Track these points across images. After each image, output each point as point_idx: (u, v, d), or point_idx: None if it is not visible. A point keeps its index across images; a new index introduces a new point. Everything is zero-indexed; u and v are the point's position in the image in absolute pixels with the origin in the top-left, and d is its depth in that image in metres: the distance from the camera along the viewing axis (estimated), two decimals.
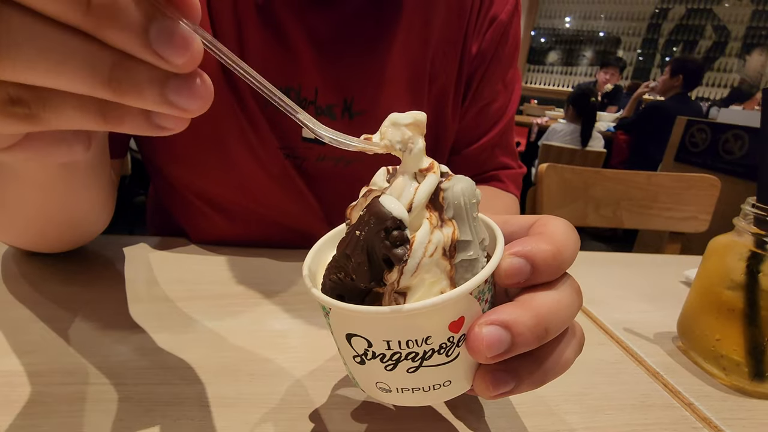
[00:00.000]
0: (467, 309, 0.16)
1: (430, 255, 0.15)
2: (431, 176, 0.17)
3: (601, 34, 6.50)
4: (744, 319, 0.31)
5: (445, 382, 0.17)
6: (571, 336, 0.19)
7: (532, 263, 0.17)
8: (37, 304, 0.32)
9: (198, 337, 0.30)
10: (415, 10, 0.40)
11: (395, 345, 0.16)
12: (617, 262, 0.55)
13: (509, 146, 0.50)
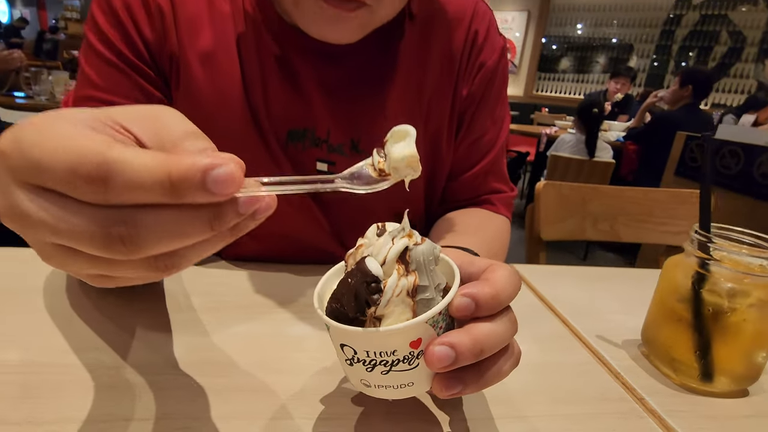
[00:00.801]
0: (423, 333, 0.23)
1: (397, 295, 0.22)
2: (401, 241, 0.23)
3: (614, 40, 6.48)
4: (691, 327, 0.37)
5: (409, 383, 0.24)
6: (509, 354, 0.25)
7: (476, 302, 0.23)
8: (102, 312, 0.39)
9: (229, 339, 0.37)
10: (411, 61, 0.47)
11: (372, 354, 0.23)
12: (598, 276, 0.60)
13: (500, 173, 0.56)
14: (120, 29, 0.41)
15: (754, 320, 0.35)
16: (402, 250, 0.23)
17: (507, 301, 0.24)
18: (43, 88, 2.19)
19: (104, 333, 0.36)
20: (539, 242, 0.90)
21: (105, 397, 0.30)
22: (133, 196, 0.15)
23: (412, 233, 0.24)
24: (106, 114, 0.18)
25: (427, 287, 0.23)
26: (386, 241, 0.23)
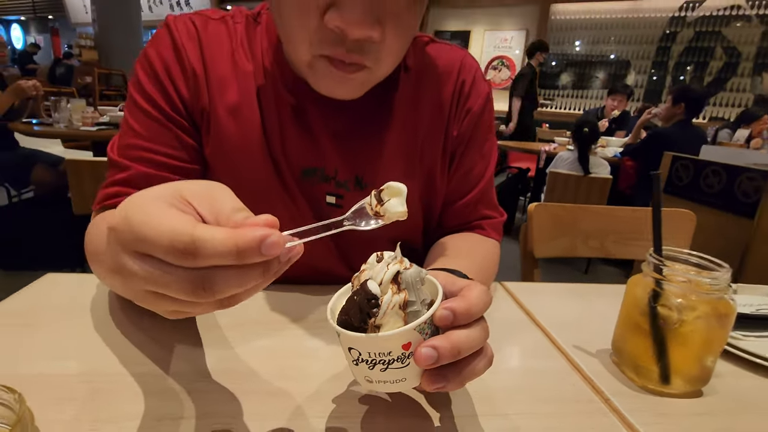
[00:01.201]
0: (412, 337, 0.29)
1: (391, 308, 0.28)
2: (394, 267, 0.30)
3: (612, 56, 6.61)
4: (651, 337, 0.42)
5: (402, 378, 0.30)
6: (483, 356, 0.31)
7: (454, 314, 0.29)
8: (143, 331, 0.46)
9: (253, 351, 0.43)
10: (406, 108, 0.54)
11: (373, 355, 0.29)
12: (579, 292, 0.66)
13: (490, 201, 0.63)
14: (160, 88, 0.49)
15: (702, 330, 0.40)
16: (395, 274, 0.30)
17: (479, 313, 0.30)
18: (62, 116, 2.30)
19: (146, 348, 0.43)
20: (533, 260, 0.96)
21: (154, 400, 0.36)
22: (211, 262, 0.22)
23: (403, 260, 0.31)
24: (178, 191, 0.25)
25: (414, 302, 0.30)
26: (383, 267, 0.30)
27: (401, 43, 0.45)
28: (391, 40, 0.42)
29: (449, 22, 7.67)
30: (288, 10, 0.42)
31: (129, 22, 5.52)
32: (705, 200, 1.14)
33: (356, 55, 0.42)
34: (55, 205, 2.24)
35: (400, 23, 0.42)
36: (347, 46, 0.41)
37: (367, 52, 0.42)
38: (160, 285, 0.23)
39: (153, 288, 0.23)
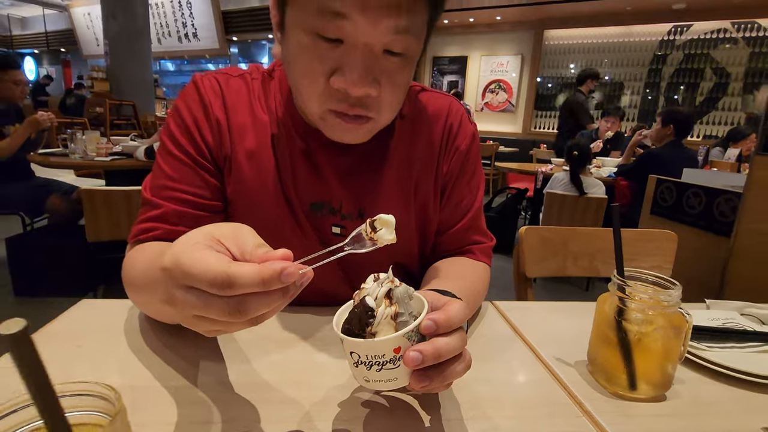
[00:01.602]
0: (402, 343, 0.35)
1: (384, 318, 0.35)
2: (386, 285, 0.36)
3: (606, 78, 6.78)
4: (618, 348, 0.48)
5: (394, 378, 0.36)
6: (461, 360, 0.37)
7: (436, 324, 0.35)
8: (172, 350, 0.52)
9: (267, 365, 0.49)
10: (402, 149, 0.62)
11: (370, 357, 0.35)
12: (561, 309, 0.71)
13: (479, 228, 0.70)
14: (189, 137, 0.57)
15: (660, 340, 0.46)
16: (387, 291, 0.37)
17: (457, 324, 0.37)
18: (77, 147, 2.41)
19: (175, 364, 0.49)
20: (525, 279, 1.02)
21: (185, 408, 0.42)
22: (243, 291, 0.29)
23: (394, 280, 0.38)
24: (210, 234, 0.32)
25: (403, 314, 0.36)
26: (378, 286, 0.37)
27: (398, 95, 0.53)
28: (387, 94, 0.50)
29: (447, 48, 7.93)
30: (299, 73, 0.50)
31: (140, 55, 5.75)
32: (687, 220, 1.21)
33: (359, 109, 0.50)
34: (68, 232, 2.32)
35: (394, 80, 0.50)
36: (350, 101, 0.49)
37: (368, 106, 0.50)
38: (204, 310, 0.30)
39: (198, 313, 0.30)
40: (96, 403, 0.25)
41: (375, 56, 0.47)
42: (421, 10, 0.47)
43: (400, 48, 0.48)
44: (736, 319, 0.65)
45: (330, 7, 0.44)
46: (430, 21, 0.51)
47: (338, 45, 0.46)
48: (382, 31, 0.45)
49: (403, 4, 0.44)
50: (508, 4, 6.32)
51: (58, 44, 11.82)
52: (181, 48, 8.82)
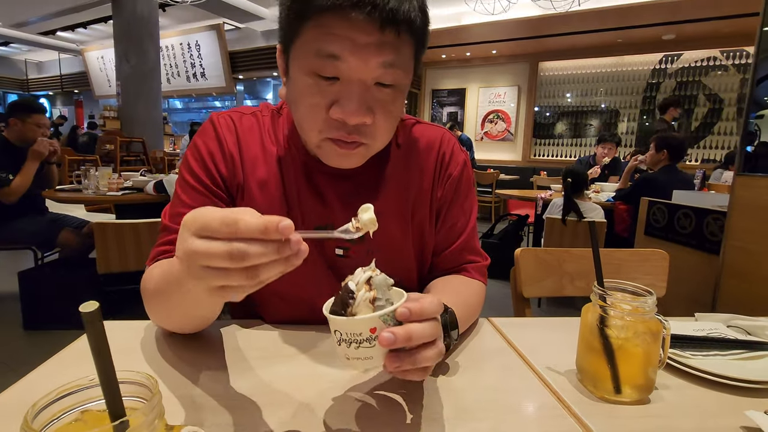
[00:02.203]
0: (377, 324, 0.40)
1: (363, 301, 0.40)
2: (367, 272, 0.42)
3: (602, 106, 6.95)
4: (603, 354, 0.52)
5: (370, 356, 0.40)
6: (433, 347, 0.41)
7: (410, 311, 0.40)
8: (188, 363, 0.56)
9: (276, 377, 0.53)
10: (399, 176, 0.68)
11: (349, 335, 0.40)
12: (555, 324, 0.75)
13: (473, 248, 0.74)
14: (205, 170, 0.63)
15: (640, 345, 0.50)
16: (368, 278, 0.42)
17: (430, 314, 0.41)
18: (91, 183, 2.50)
19: (188, 375, 0.52)
20: (523, 299, 1.05)
21: (205, 413, 0.46)
22: (245, 234, 0.33)
23: (376, 270, 0.43)
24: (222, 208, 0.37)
25: (381, 299, 0.41)
26: (360, 273, 0.43)
27: (390, 123, 0.59)
28: (381, 122, 0.56)
29: (446, 81, 8.20)
30: (303, 107, 0.56)
31: (150, 94, 6.01)
32: (680, 240, 1.24)
33: (356, 136, 0.56)
34: (78, 265, 2.37)
35: (387, 110, 0.56)
36: (347, 129, 0.55)
37: (363, 133, 0.56)
38: (207, 255, 0.33)
39: (203, 259, 0.34)
40: (139, 391, 0.29)
41: (368, 89, 0.54)
42: (405, 47, 0.54)
43: (390, 80, 0.54)
44: (721, 329, 0.68)
45: (326, 51, 0.51)
46: (417, 55, 0.57)
47: (335, 82, 0.53)
48: (371, 67, 0.52)
49: (388, 43, 0.51)
50: (503, 39, 6.60)
51: (72, 86, 12.34)
52: (190, 87, 9.18)
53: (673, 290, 1.07)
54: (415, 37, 0.54)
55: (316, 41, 0.51)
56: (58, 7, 8.07)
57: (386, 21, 0.49)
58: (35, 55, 12.71)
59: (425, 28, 0.56)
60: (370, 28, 0.49)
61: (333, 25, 0.50)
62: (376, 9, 0.48)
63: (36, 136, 2.37)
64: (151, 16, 5.99)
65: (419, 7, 0.53)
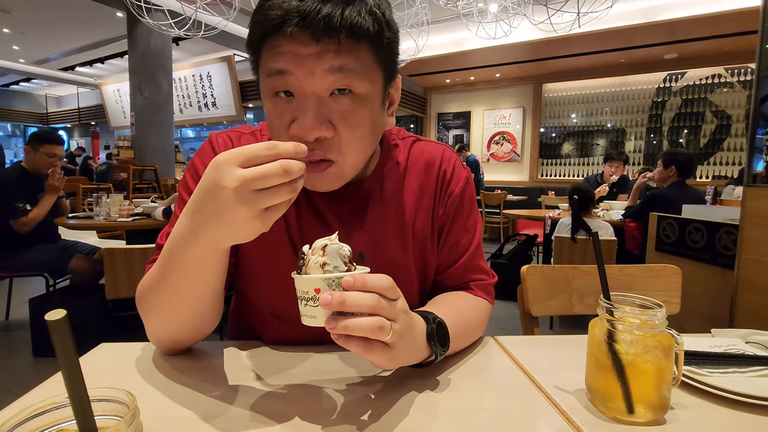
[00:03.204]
0: (321, 285, 0.42)
1: (314, 264, 0.42)
2: (325, 240, 0.44)
3: (609, 125, 6.97)
4: (613, 371, 0.49)
5: (314, 315, 0.43)
6: (368, 318, 0.42)
7: (354, 280, 0.41)
8: (189, 386, 0.55)
9: (274, 399, 0.51)
10: (399, 195, 0.67)
11: (302, 293, 0.43)
12: (562, 342, 0.72)
13: (478, 266, 0.73)
14: None
15: (651, 361, 0.48)
16: (323, 245, 0.44)
17: (372, 286, 0.42)
18: (102, 210, 2.55)
19: (187, 397, 0.51)
20: (532, 318, 1.03)
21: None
22: (283, 154, 0.42)
23: (334, 240, 0.45)
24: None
25: (330, 265, 0.43)
26: (319, 241, 0.45)
27: (356, 135, 0.55)
28: (344, 135, 0.54)
29: (451, 105, 8.33)
30: (271, 128, 0.57)
31: (163, 124, 6.19)
32: (692, 255, 1.21)
33: (319, 151, 0.54)
34: (88, 292, 2.39)
35: (348, 120, 0.54)
36: (309, 146, 0.52)
37: (326, 147, 0.54)
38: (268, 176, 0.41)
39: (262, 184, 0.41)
40: (117, 408, 0.29)
41: (322, 101, 0.52)
42: (356, 50, 0.51)
43: (343, 85, 0.52)
44: (739, 346, 0.65)
45: (275, 69, 0.52)
46: (383, 58, 0.55)
47: (291, 99, 0.53)
48: (319, 76, 0.51)
49: (331, 50, 0.50)
50: (506, 62, 6.72)
51: (89, 118, 12.79)
52: (201, 116, 9.44)
53: (688, 306, 1.03)
54: (367, 42, 0.52)
55: (268, 62, 0.52)
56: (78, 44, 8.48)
57: (320, 31, 0.49)
58: (55, 89, 13.28)
59: (381, 30, 0.53)
60: (308, 40, 0.50)
61: (279, 44, 0.51)
62: (306, 19, 0.49)
63: (46, 165, 2.44)
64: (165, 49, 6.24)
65: (368, 10, 0.51)
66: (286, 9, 0.49)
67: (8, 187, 2.38)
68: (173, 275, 0.51)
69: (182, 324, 0.57)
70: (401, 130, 0.75)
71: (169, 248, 0.50)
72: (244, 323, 0.74)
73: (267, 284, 0.66)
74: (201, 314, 0.56)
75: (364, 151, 0.59)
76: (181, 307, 0.54)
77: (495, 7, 3.81)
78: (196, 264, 0.49)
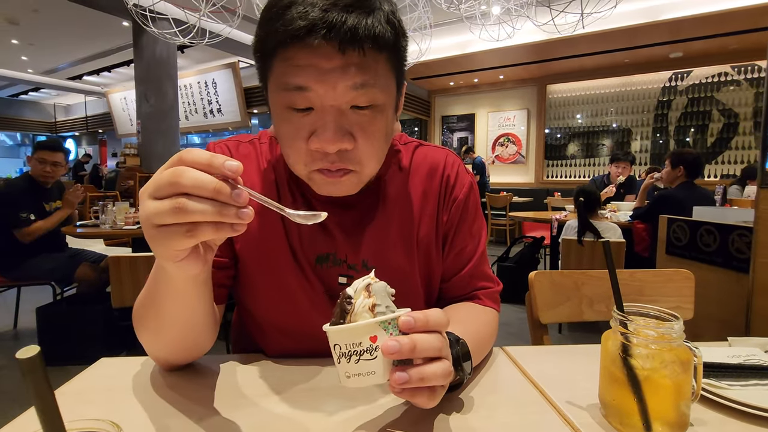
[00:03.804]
0: (377, 331, 0.37)
1: (362, 308, 0.37)
2: (366, 279, 0.40)
3: (614, 125, 6.91)
4: (628, 386, 0.47)
5: (372, 371, 0.37)
6: (440, 362, 0.39)
7: (414, 320, 0.38)
8: (183, 397, 0.53)
9: (276, 416, 0.50)
10: (402, 202, 0.66)
11: (348, 346, 0.37)
12: (574, 353, 0.70)
13: (483, 274, 0.71)
14: None
15: (669, 376, 0.45)
16: (367, 285, 0.40)
17: (434, 325, 0.39)
18: (108, 218, 2.56)
19: (189, 413, 0.50)
20: (541, 326, 1.00)
21: None
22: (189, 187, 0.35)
23: (374, 278, 0.41)
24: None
25: (381, 305, 0.38)
26: (359, 281, 0.41)
27: (375, 146, 0.55)
28: (364, 146, 0.53)
29: (455, 108, 8.31)
30: (285, 142, 0.55)
31: (168, 132, 6.23)
32: (704, 258, 1.18)
33: (339, 163, 0.53)
34: (94, 300, 2.39)
35: (367, 133, 0.53)
36: (330, 159, 0.53)
37: (347, 159, 0.54)
38: (158, 213, 0.35)
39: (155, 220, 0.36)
40: None
41: (343, 113, 0.51)
42: (377, 62, 0.51)
43: (365, 101, 0.51)
44: (758, 355, 0.62)
45: (293, 84, 0.50)
46: (396, 68, 0.54)
47: (309, 112, 0.52)
48: (341, 92, 0.50)
49: (354, 64, 0.49)
50: (509, 64, 6.69)
51: (97, 126, 12.92)
52: (206, 123, 9.49)
53: (701, 312, 1.00)
54: (387, 52, 0.51)
55: (284, 75, 0.50)
56: (85, 53, 8.58)
57: (346, 42, 0.47)
58: (63, 99, 13.44)
59: (398, 38, 0.53)
60: (332, 52, 0.48)
61: (296, 56, 0.49)
62: (332, 31, 0.46)
63: (39, 172, 2.48)
64: (170, 57, 6.28)
65: (386, 18, 0.50)
66: (312, 20, 0.46)
67: (13, 198, 2.42)
68: (158, 294, 0.49)
69: (171, 345, 0.55)
70: (403, 135, 0.74)
71: (154, 265, 0.49)
72: (247, 334, 0.73)
73: (267, 296, 0.65)
74: (189, 336, 0.55)
75: (380, 159, 0.58)
76: (170, 328, 0.52)
77: (498, 10, 3.79)
78: (170, 283, 0.46)
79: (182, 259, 0.39)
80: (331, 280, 0.64)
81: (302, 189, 0.64)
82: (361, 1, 0.49)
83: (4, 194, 2.45)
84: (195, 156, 0.36)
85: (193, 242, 0.36)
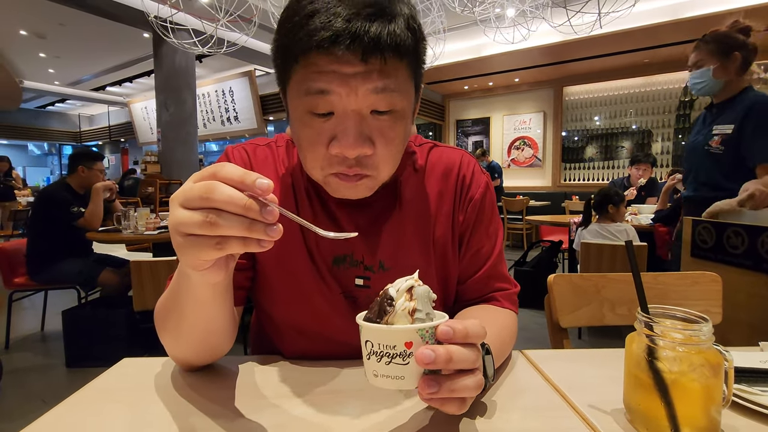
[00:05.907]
0: (414, 338, 0.36)
1: (402, 310, 0.36)
2: (409, 281, 0.39)
3: (634, 127, 6.77)
4: (655, 391, 0.46)
5: (402, 376, 0.36)
6: (473, 376, 0.38)
7: (453, 330, 0.37)
8: (203, 398, 0.54)
9: (294, 418, 0.50)
10: (418, 202, 0.66)
11: (381, 346, 0.36)
12: (595, 356, 0.68)
13: (501, 275, 0.70)
14: None
15: (698, 380, 0.44)
16: (410, 287, 0.38)
17: (474, 337, 0.38)
18: (130, 223, 2.62)
19: (209, 413, 0.50)
20: (561, 330, 0.98)
21: None
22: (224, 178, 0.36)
23: (418, 280, 0.40)
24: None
25: (421, 311, 0.37)
26: (402, 281, 0.39)
27: (393, 151, 0.55)
28: (382, 151, 0.54)
29: (469, 111, 8.27)
30: (303, 146, 0.56)
31: (187, 139, 6.38)
32: (732, 261, 1.14)
33: (357, 168, 0.54)
34: (117, 304, 2.45)
35: (386, 138, 0.54)
36: (348, 163, 0.53)
37: (365, 165, 0.54)
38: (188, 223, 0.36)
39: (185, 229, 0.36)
40: None
41: (364, 118, 0.52)
42: (397, 69, 0.51)
43: (385, 106, 0.52)
44: None
45: (315, 88, 0.50)
46: (415, 73, 0.55)
47: (330, 117, 0.52)
48: (362, 95, 0.50)
49: (376, 70, 0.50)
50: (525, 67, 6.64)
51: (119, 135, 13.32)
52: (224, 130, 9.68)
53: (730, 316, 0.97)
54: (408, 58, 0.52)
55: (306, 81, 0.51)
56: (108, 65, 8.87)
57: (369, 50, 0.48)
58: (87, 109, 13.92)
59: (417, 45, 0.53)
60: (355, 60, 0.48)
61: (318, 62, 0.49)
62: (356, 41, 0.47)
63: (99, 181, 2.70)
64: (189, 67, 6.45)
65: (406, 25, 0.51)
66: (336, 30, 0.47)
67: (62, 196, 2.60)
68: (180, 298, 0.50)
69: (192, 347, 0.56)
70: (418, 136, 0.74)
71: (177, 270, 0.49)
72: (265, 336, 0.73)
73: (285, 298, 0.65)
74: (208, 339, 0.55)
75: (396, 163, 0.59)
76: (190, 331, 0.53)
77: (512, 12, 3.77)
78: (191, 289, 0.47)
79: (207, 268, 0.40)
80: (348, 281, 0.64)
81: (318, 191, 0.65)
82: (383, 9, 0.49)
83: (52, 196, 2.61)
84: (228, 172, 0.36)
85: (221, 255, 0.37)
